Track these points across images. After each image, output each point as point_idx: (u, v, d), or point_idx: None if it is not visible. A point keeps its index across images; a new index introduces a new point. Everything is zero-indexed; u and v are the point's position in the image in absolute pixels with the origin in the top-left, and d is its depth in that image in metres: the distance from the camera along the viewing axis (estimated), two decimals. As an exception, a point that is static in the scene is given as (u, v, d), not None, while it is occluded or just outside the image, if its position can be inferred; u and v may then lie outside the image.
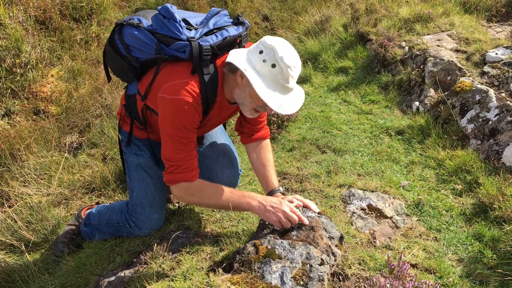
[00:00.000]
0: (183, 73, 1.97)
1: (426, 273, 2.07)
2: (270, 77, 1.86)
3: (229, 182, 2.56)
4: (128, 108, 2.36)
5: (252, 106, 2.01)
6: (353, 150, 3.32)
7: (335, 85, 4.68)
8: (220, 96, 2.07)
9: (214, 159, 2.54)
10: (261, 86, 1.84)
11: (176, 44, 1.97)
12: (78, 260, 2.48)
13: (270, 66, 1.84)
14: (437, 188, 2.83)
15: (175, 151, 1.99)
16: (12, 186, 3.39)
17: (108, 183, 3.21)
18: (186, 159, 2.01)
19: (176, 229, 2.46)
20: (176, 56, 2.01)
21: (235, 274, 1.74)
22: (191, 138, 2.01)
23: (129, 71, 2.19)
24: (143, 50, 2.10)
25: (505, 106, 3.13)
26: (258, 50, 1.87)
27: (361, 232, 2.36)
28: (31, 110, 4.45)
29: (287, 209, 1.93)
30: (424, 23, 4.92)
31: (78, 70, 4.92)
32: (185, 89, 1.91)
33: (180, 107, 1.91)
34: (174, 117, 1.94)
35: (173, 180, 2.02)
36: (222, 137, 2.67)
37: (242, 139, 2.44)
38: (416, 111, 3.81)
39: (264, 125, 2.42)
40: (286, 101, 1.90)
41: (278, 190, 2.22)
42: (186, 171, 2.01)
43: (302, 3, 7.54)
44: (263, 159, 2.33)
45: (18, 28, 4.65)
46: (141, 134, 2.41)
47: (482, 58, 3.83)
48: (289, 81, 1.88)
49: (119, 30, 2.15)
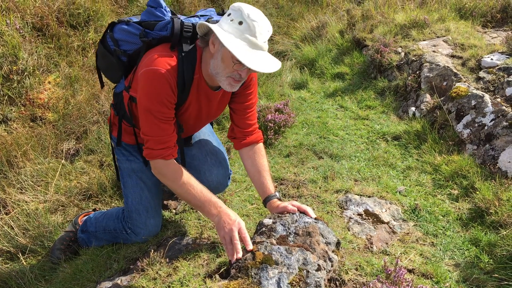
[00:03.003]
0: (162, 49, 2.03)
1: (423, 278, 2.07)
2: (238, 34, 1.85)
3: (218, 182, 2.55)
4: (116, 107, 2.38)
5: (227, 73, 1.97)
6: (350, 156, 3.33)
7: (332, 90, 4.70)
8: (197, 73, 2.08)
9: (202, 160, 2.54)
10: (228, 38, 1.83)
11: (159, 24, 2.05)
12: (75, 267, 2.47)
13: (237, 23, 1.85)
14: (433, 193, 2.84)
15: (151, 126, 2.01)
16: (9, 193, 3.38)
17: (105, 190, 3.21)
18: (162, 134, 2.02)
19: (173, 235, 2.46)
20: (160, 38, 2.06)
21: (232, 280, 1.73)
22: (166, 114, 2.01)
23: (118, 68, 2.24)
24: (131, 42, 2.16)
25: (501, 111, 3.14)
26: (227, 14, 1.91)
27: (358, 238, 2.36)
28: (28, 117, 4.44)
29: (232, 234, 1.86)
30: (420, 29, 4.95)
31: (75, 76, 4.93)
32: (160, 60, 1.95)
33: (152, 78, 1.94)
34: (147, 88, 1.97)
35: (150, 156, 2.04)
36: (211, 138, 2.68)
37: (235, 145, 2.43)
38: (413, 116, 3.82)
39: (255, 129, 2.40)
40: (257, 57, 1.87)
41: (275, 196, 2.21)
42: (162, 148, 2.02)
43: (298, 9, 7.58)
44: (257, 164, 2.31)
45: (15, 35, 4.66)
46: (130, 139, 2.42)
47: (478, 63, 3.85)
48: (257, 36, 1.86)
49: (110, 28, 2.23)
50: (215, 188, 2.54)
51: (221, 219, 1.92)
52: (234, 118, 2.38)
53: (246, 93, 2.31)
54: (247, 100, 2.33)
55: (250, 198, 2.85)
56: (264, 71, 1.88)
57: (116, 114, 2.38)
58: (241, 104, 2.33)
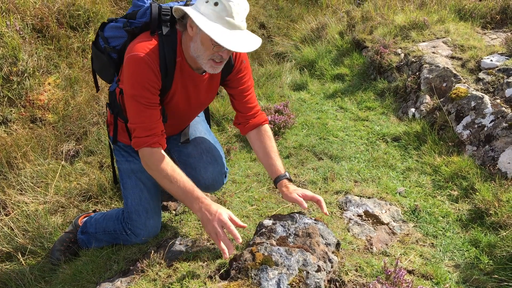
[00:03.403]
0: (143, 36, 2.04)
1: (422, 279, 2.07)
2: (214, 15, 1.84)
3: (213, 179, 2.54)
4: (111, 105, 2.39)
5: (207, 56, 1.97)
6: (350, 157, 3.33)
7: (332, 92, 4.70)
8: (180, 56, 2.08)
9: (197, 157, 2.53)
10: (205, 22, 1.83)
11: (139, 12, 2.07)
12: (75, 268, 2.47)
13: (212, 5, 1.84)
14: (433, 194, 2.84)
15: (136, 112, 2.01)
16: (9, 194, 3.38)
17: (105, 191, 3.21)
18: (146, 121, 2.01)
19: (173, 236, 2.46)
20: (142, 26, 2.06)
21: (232, 281, 1.74)
22: (150, 99, 2.00)
23: (110, 66, 2.26)
24: (118, 36, 2.18)
25: (500, 112, 3.14)
26: None
27: (358, 239, 2.36)
28: (28, 118, 4.45)
29: (216, 230, 1.84)
30: (419, 30, 4.96)
31: (75, 78, 4.93)
32: (140, 45, 1.96)
33: (133, 64, 1.95)
34: (130, 74, 1.98)
35: (137, 144, 2.03)
36: (207, 136, 2.67)
37: (241, 131, 2.43)
38: (412, 117, 3.83)
39: (257, 112, 2.39)
40: (235, 37, 1.86)
41: (284, 176, 2.19)
42: (148, 135, 2.02)
43: (298, 10, 7.58)
44: (264, 146, 2.30)
45: (15, 37, 4.66)
46: (127, 139, 2.42)
47: (477, 64, 3.86)
48: (233, 17, 1.85)
49: (101, 28, 2.25)
50: (211, 186, 2.54)
51: (203, 214, 1.90)
52: (234, 104, 2.39)
53: (238, 77, 2.30)
54: (241, 84, 2.32)
55: (250, 199, 2.85)
56: (244, 50, 1.88)
57: (112, 113, 2.39)
58: (236, 88, 2.33)
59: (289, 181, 2.18)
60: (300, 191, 2.11)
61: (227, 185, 3.05)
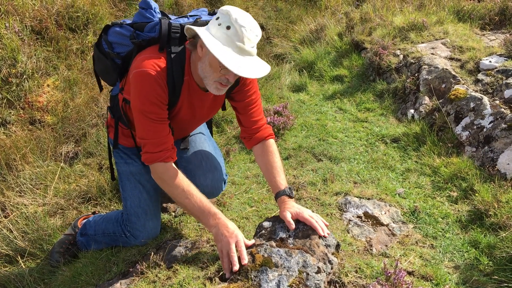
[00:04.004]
0: (151, 51, 2.03)
1: (422, 280, 2.07)
2: (225, 39, 1.84)
3: (212, 186, 2.54)
4: (112, 109, 2.39)
5: (214, 78, 1.97)
6: (349, 158, 3.33)
7: (331, 93, 4.70)
8: (187, 75, 2.08)
9: (197, 165, 2.53)
10: (215, 44, 1.83)
11: (148, 26, 2.06)
12: (74, 270, 2.46)
13: (225, 28, 1.84)
14: (432, 195, 2.84)
15: (146, 128, 2.01)
16: (8, 196, 3.37)
17: (104, 193, 3.20)
18: (157, 136, 2.01)
19: (172, 238, 2.46)
20: (149, 39, 2.06)
21: (232, 283, 1.73)
22: (160, 114, 2.01)
23: (113, 71, 2.25)
24: (123, 44, 2.17)
25: (499, 113, 3.15)
26: (215, 17, 1.90)
27: (358, 240, 2.36)
28: (27, 120, 4.44)
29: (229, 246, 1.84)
30: (418, 31, 4.96)
31: (74, 79, 4.93)
32: (149, 62, 1.96)
33: (142, 79, 1.95)
34: (139, 90, 1.97)
35: (149, 160, 2.03)
36: (207, 143, 2.67)
37: (246, 145, 2.41)
38: (411, 118, 3.83)
39: (261, 126, 2.35)
40: (244, 63, 1.85)
41: (284, 192, 2.14)
42: (160, 150, 2.01)
43: (297, 12, 7.59)
44: (266, 162, 2.28)
45: (14, 38, 4.66)
46: (127, 142, 2.42)
47: (476, 66, 3.86)
48: (244, 42, 1.85)
49: (105, 31, 2.24)
50: (210, 193, 2.52)
51: (219, 230, 1.91)
52: (239, 118, 2.36)
53: (245, 89, 2.29)
54: (247, 97, 2.30)
55: (250, 201, 2.85)
56: (251, 76, 1.88)
57: (113, 117, 2.39)
58: (242, 102, 2.30)
59: (288, 197, 2.12)
60: (295, 209, 2.03)
61: (227, 187, 3.05)
